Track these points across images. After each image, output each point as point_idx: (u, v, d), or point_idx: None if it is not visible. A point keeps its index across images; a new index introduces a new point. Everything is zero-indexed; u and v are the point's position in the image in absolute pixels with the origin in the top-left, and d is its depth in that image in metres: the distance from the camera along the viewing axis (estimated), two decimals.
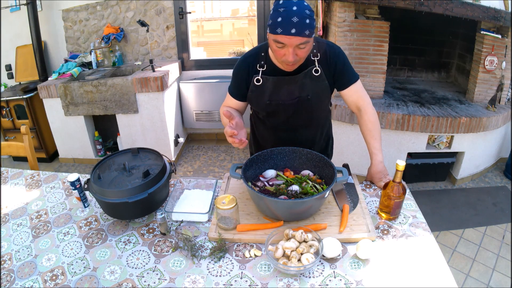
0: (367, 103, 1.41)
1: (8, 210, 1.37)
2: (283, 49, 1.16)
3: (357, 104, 1.42)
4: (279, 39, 1.13)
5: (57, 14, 3.49)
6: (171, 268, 1.05)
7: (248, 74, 1.36)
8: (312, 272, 1.01)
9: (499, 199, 2.78)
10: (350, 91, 1.39)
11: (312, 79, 1.32)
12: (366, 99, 1.42)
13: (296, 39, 1.11)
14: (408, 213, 1.24)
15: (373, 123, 1.39)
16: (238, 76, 1.39)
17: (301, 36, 1.11)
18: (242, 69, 1.37)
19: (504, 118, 2.82)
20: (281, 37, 1.11)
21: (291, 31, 1.09)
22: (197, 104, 3.53)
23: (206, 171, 3.32)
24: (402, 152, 2.82)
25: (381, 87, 2.88)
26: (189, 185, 1.41)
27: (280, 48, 1.16)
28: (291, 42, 1.12)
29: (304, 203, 1.12)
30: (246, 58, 1.37)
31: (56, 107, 3.16)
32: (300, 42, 1.12)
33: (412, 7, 2.41)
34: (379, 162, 1.37)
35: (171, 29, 3.44)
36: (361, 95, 1.41)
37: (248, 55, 1.38)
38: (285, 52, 1.16)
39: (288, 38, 1.11)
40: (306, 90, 1.33)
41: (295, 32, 1.09)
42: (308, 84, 1.33)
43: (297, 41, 1.12)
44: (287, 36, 1.11)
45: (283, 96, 1.34)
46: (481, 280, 2.05)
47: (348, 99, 1.42)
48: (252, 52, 1.38)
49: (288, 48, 1.14)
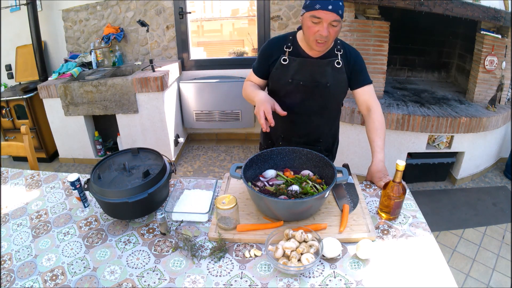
0: (377, 105, 1.48)
1: (8, 210, 1.37)
2: (317, 25, 1.26)
3: (368, 103, 1.47)
4: (317, 14, 1.23)
5: (57, 14, 3.48)
6: (171, 268, 1.05)
7: (273, 54, 1.45)
8: (312, 272, 1.01)
9: (499, 199, 2.78)
10: (363, 90, 1.46)
11: (333, 70, 1.41)
12: (377, 102, 1.48)
13: (331, 15, 1.23)
14: (408, 213, 1.24)
15: (380, 122, 1.44)
16: (263, 54, 1.48)
17: (336, 14, 1.23)
18: (268, 49, 1.46)
19: (504, 118, 2.82)
20: (319, 12, 1.23)
21: (328, 7, 1.22)
22: (197, 104, 3.53)
23: (206, 171, 3.32)
24: (402, 152, 2.82)
25: (381, 87, 2.88)
26: (189, 185, 1.41)
27: (316, 24, 1.26)
28: (327, 17, 1.23)
29: (304, 203, 1.12)
30: (274, 39, 1.48)
31: (56, 107, 3.16)
32: (335, 19, 1.23)
33: (412, 7, 2.41)
34: (380, 161, 1.38)
35: (171, 29, 3.44)
36: (373, 97, 1.48)
37: (277, 38, 1.48)
38: (319, 28, 1.26)
39: (325, 13, 1.22)
40: (326, 77, 1.41)
41: (332, 8, 1.22)
42: (329, 73, 1.41)
43: (332, 17, 1.23)
44: (325, 11, 1.22)
45: (304, 77, 1.42)
46: (481, 280, 2.05)
47: (360, 98, 1.48)
48: (281, 36, 1.48)
49: (323, 23, 1.24)
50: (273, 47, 1.46)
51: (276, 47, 1.45)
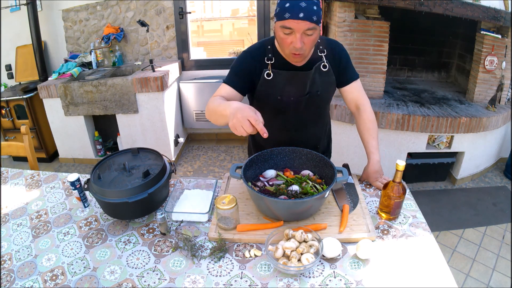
0: (366, 102, 1.42)
1: (8, 210, 1.37)
2: (290, 36, 1.14)
3: (356, 101, 1.43)
4: (287, 24, 1.11)
5: (57, 14, 3.49)
6: (171, 268, 1.05)
7: (256, 68, 1.30)
8: (312, 272, 1.01)
9: (499, 199, 2.78)
10: (351, 88, 1.40)
11: (321, 75, 1.32)
12: (365, 98, 1.43)
13: (304, 24, 1.10)
14: (408, 213, 1.24)
15: (372, 122, 1.40)
16: (243, 70, 1.31)
17: (309, 21, 1.09)
18: (248, 63, 1.30)
19: (504, 118, 2.82)
20: (289, 21, 1.10)
21: (299, 15, 1.08)
22: (197, 104, 3.53)
23: (206, 171, 3.32)
24: (402, 152, 2.82)
25: (381, 87, 2.88)
26: (189, 185, 1.41)
27: (288, 35, 1.14)
28: (299, 27, 1.10)
29: (304, 203, 1.12)
30: (252, 51, 1.32)
31: (56, 107, 3.16)
32: (308, 27, 1.11)
33: (412, 7, 2.41)
34: (376, 162, 1.38)
35: (171, 29, 3.44)
36: (361, 93, 1.42)
37: (253, 48, 1.32)
38: (293, 39, 1.14)
39: (296, 22, 1.09)
40: (316, 85, 1.32)
41: (303, 16, 1.08)
42: (318, 80, 1.31)
43: (305, 25, 1.10)
44: (295, 21, 1.09)
45: (294, 91, 1.31)
46: (481, 280, 2.05)
47: (348, 96, 1.42)
48: (256, 46, 1.33)
49: (296, 34, 1.12)
50: (253, 60, 1.30)
51: (257, 60, 1.29)
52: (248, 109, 1.02)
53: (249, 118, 0.99)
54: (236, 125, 1.00)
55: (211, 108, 1.21)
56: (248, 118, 0.99)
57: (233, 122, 1.01)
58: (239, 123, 1.00)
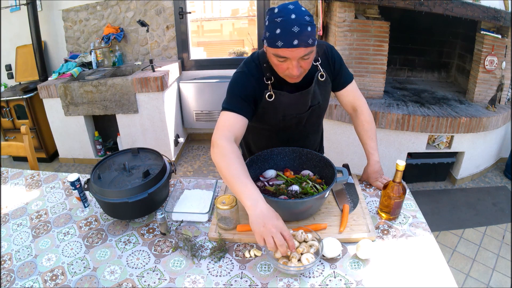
0: (362, 103, 1.41)
1: (8, 210, 1.37)
2: (285, 63, 1.06)
3: (353, 104, 1.41)
4: (281, 53, 1.02)
5: (57, 14, 3.49)
6: (171, 268, 1.05)
7: (256, 89, 1.19)
8: (312, 272, 1.01)
9: (499, 199, 2.78)
10: (347, 91, 1.38)
11: (320, 85, 1.28)
12: (361, 99, 1.41)
13: (299, 51, 1.01)
14: (408, 213, 1.24)
15: (369, 123, 1.39)
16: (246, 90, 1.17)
17: (304, 47, 1.01)
18: (250, 83, 1.18)
19: (504, 118, 2.82)
20: (283, 50, 1.01)
21: (293, 43, 0.99)
22: (197, 104, 3.54)
23: (206, 171, 3.32)
24: (402, 152, 2.82)
25: (381, 87, 2.88)
26: (189, 185, 1.41)
27: (282, 62, 1.06)
28: (294, 55, 1.02)
29: (304, 203, 1.12)
30: (250, 70, 1.20)
31: (56, 107, 3.16)
32: (304, 53, 1.02)
33: (412, 7, 2.41)
34: (376, 162, 1.38)
35: (171, 29, 3.44)
36: (357, 95, 1.40)
37: (250, 68, 1.21)
38: (288, 66, 1.06)
39: (291, 51, 1.00)
40: (317, 97, 1.29)
41: (298, 43, 0.99)
42: (317, 91, 1.28)
43: (301, 52, 1.01)
44: (290, 49, 1.00)
45: (297, 109, 1.26)
46: (481, 280, 2.05)
47: (344, 100, 1.40)
48: (252, 64, 1.22)
49: (292, 61, 1.04)
50: (254, 80, 1.19)
51: (257, 80, 1.19)
52: (276, 218, 0.93)
53: (283, 232, 0.91)
54: (266, 235, 0.90)
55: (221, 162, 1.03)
56: (281, 232, 0.91)
57: (261, 231, 0.91)
58: (269, 234, 0.90)
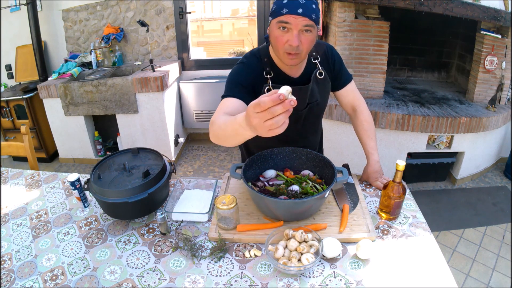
0: (362, 103, 1.42)
1: (8, 210, 1.37)
2: (286, 34, 1.09)
3: (352, 104, 1.42)
4: (284, 19, 1.06)
5: (57, 14, 3.49)
6: (171, 268, 1.05)
7: (256, 81, 1.22)
8: (312, 272, 1.01)
9: (499, 199, 2.78)
10: (346, 91, 1.39)
11: (318, 83, 1.29)
12: (360, 99, 1.42)
13: (302, 20, 1.05)
14: (408, 213, 1.24)
15: (369, 123, 1.40)
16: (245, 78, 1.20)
17: (307, 18, 1.05)
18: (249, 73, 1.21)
19: (504, 118, 2.82)
20: (287, 17, 1.05)
21: (298, 11, 1.04)
22: (197, 104, 3.54)
23: (206, 171, 3.32)
24: (402, 152, 2.82)
25: (381, 87, 2.88)
26: (189, 185, 1.41)
27: (284, 32, 1.09)
28: (296, 23, 1.06)
29: (304, 203, 1.12)
30: (250, 63, 1.24)
31: (56, 107, 3.16)
32: (306, 23, 1.06)
33: (412, 7, 2.41)
34: (375, 162, 1.38)
35: (171, 29, 3.44)
36: (356, 95, 1.41)
37: (251, 60, 1.24)
38: (289, 37, 1.08)
39: (294, 17, 1.05)
40: (315, 95, 1.30)
41: (302, 12, 1.04)
42: (316, 89, 1.29)
43: (303, 22, 1.05)
44: (294, 16, 1.05)
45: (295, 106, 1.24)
46: (481, 280, 2.05)
47: (344, 100, 1.41)
48: (252, 58, 1.25)
49: (293, 31, 1.07)
50: (253, 72, 1.22)
51: (257, 73, 1.22)
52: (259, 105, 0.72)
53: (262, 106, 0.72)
54: (260, 126, 0.73)
55: (219, 125, 0.97)
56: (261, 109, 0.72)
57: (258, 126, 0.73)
58: (261, 121, 0.72)
